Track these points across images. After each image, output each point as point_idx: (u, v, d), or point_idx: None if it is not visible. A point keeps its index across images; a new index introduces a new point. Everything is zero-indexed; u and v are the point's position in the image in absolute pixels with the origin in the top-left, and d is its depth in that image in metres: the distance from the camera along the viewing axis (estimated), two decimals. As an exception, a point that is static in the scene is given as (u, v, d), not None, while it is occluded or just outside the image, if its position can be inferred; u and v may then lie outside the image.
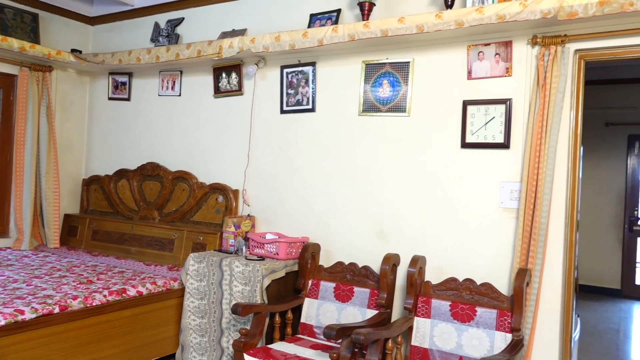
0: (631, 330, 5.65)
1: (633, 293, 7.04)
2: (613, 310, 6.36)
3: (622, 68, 6.65)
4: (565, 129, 3.04)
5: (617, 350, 4.85)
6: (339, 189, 3.78)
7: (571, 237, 3.06)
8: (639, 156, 7.08)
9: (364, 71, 3.67)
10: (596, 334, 5.27)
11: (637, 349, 4.96)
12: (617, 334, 5.40)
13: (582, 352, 4.52)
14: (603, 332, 5.38)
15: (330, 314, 3.44)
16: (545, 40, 3.00)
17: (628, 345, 5.08)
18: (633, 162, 7.07)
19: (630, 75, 6.75)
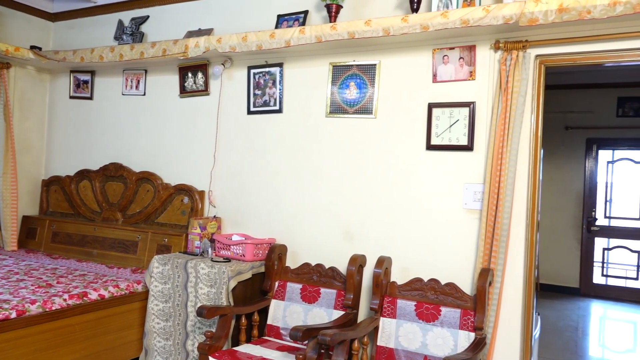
0: (589, 328, 5.84)
1: (591, 291, 7.27)
2: (572, 308, 6.56)
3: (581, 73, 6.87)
4: (526, 132, 3.12)
5: (576, 347, 5.00)
6: (306, 190, 3.78)
7: (532, 238, 3.15)
8: (597, 159, 7.32)
9: (331, 73, 3.69)
10: (556, 331, 5.42)
11: (595, 346, 5.13)
12: (575, 331, 5.57)
13: (543, 349, 4.64)
14: (562, 329, 5.54)
15: (297, 316, 3.43)
16: (507, 45, 3.07)
17: (586, 342, 5.25)
18: (591, 165, 7.31)
19: (589, 81, 6.98)
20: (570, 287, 7.32)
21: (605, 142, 7.22)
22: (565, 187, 7.38)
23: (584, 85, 7.07)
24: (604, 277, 7.33)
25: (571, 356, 4.67)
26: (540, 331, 4.07)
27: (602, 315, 6.39)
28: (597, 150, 7.28)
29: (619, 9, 2.64)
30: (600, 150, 7.31)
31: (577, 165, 7.34)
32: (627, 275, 7.22)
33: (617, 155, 7.30)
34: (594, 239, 7.33)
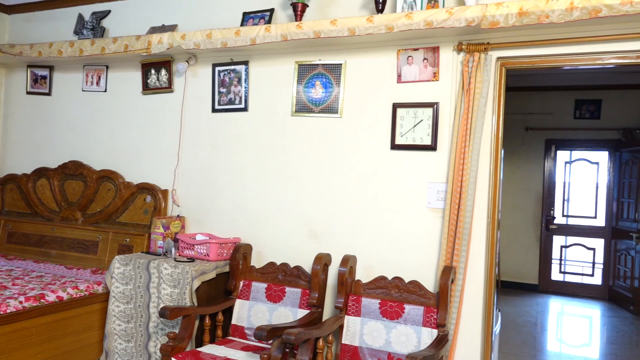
0: (547, 323, 6.02)
1: (549, 288, 7.49)
2: (531, 304, 6.74)
3: (540, 76, 7.07)
4: (487, 132, 3.19)
5: (535, 341, 5.14)
6: (272, 189, 3.77)
7: (493, 236, 3.22)
8: (555, 159, 7.54)
9: (296, 72, 3.68)
10: (516, 327, 5.56)
11: (553, 340, 5.29)
12: (534, 326, 5.73)
13: (503, 344, 4.76)
14: (522, 325, 5.69)
15: (261, 315, 3.41)
16: (469, 47, 3.13)
17: (544, 337, 5.40)
18: (550, 165, 7.53)
19: (548, 83, 7.19)
20: (530, 284, 7.52)
21: (563, 143, 7.45)
22: (525, 186, 7.58)
23: (543, 87, 7.28)
24: (562, 273, 7.57)
25: (530, 351, 4.80)
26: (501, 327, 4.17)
27: (559, 311, 6.59)
28: (555, 150, 7.51)
29: (575, 14, 2.72)
30: (558, 151, 7.53)
31: (537, 165, 7.55)
32: (583, 272, 7.47)
33: (574, 156, 7.55)
34: (553, 237, 7.55)
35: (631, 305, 6.44)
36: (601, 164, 7.38)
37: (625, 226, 6.73)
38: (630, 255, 6.56)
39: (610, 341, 5.28)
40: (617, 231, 7.01)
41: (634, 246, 6.42)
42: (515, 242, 7.58)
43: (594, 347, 5.13)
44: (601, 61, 3.00)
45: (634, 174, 6.55)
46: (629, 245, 6.59)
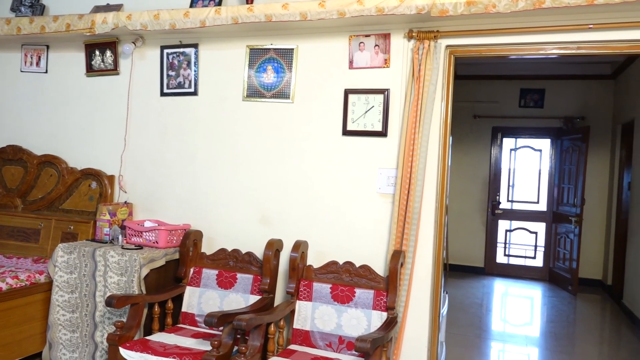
0: (492, 304, 6.26)
1: (494, 270, 7.78)
2: (477, 286, 6.98)
3: (488, 65, 7.27)
4: (437, 119, 3.25)
5: (480, 322, 5.33)
6: (223, 174, 3.72)
7: (441, 221, 3.30)
8: (501, 146, 7.79)
9: (248, 56, 3.62)
10: (462, 308, 5.75)
11: (497, 321, 5.50)
12: (480, 308, 5.94)
13: (450, 325, 4.91)
14: (469, 306, 5.89)
15: (212, 302, 3.38)
16: (419, 35, 3.17)
17: (489, 317, 5.61)
18: (496, 152, 7.77)
19: (495, 72, 7.40)
20: (476, 267, 7.78)
21: (509, 130, 7.70)
22: (473, 172, 7.80)
23: (491, 76, 7.48)
24: (506, 256, 7.87)
25: (476, 331, 4.99)
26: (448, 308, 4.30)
27: (504, 292, 6.86)
28: (501, 138, 7.75)
29: (520, 4, 2.80)
30: (504, 138, 7.78)
31: (484, 152, 7.78)
32: (526, 254, 7.79)
33: (519, 143, 7.81)
34: (498, 221, 7.83)
35: (569, 286, 6.78)
36: (544, 151, 7.68)
37: (565, 210, 7.05)
38: (569, 238, 6.89)
39: (550, 320, 5.54)
40: (557, 215, 7.33)
41: (573, 229, 6.74)
42: (463, 227, 7.81)
43: (534, 326, 5.37)
44: (544, 51, 3.10)
45: (574, 161, 6.85)
46: (568, 229, 6.92)
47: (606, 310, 6.10)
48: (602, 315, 5.91)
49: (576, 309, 6.04)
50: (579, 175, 6.64)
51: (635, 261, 5.52)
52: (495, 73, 7.40)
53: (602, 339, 5.08)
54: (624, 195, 6.35)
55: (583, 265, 6.95)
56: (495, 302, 6.40)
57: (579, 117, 7.20)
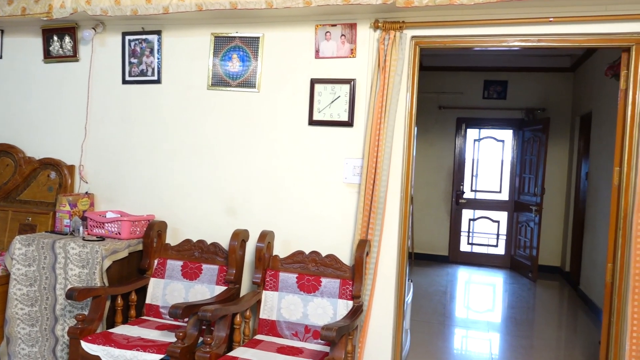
0: (455, 291, 6.39)
1: (458, 258, 7.94)
2: (441, 274, 7.12)
3: (453, 56, 7.36)
4: (402, 110, 3.28)
5: (444, 309, 5.45)
6: (188, 164, 3.66)
7: (406, 210, 3.34)
8: (465, 137, 7.93)
9: (213, 44, 3.57)
10: (427, 296, 5.86)
11: (460, 307, 5.63)
12: (444, 295, 6.06)
13: (415, 312, 5.00)
14: (433, 294, 6.00)
15: (177, 293, 3.35)
16: (385, 25, 3.18)
17: (453, 304, 5.74)
18: (460, 142, 7.90)
19: (459, 64, 7.50)
20: (441, 255, 7.93)
21: (473, 121, 7.83)
22: (438, 163, 7.92)
23: (456, 68, 7.59)
24: (470, 245, 8.04)
25: (439, 318, 5.09)
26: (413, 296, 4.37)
27: (467, 280, 7.02)
28: (465, 129, 7.88)
29: (483, -4, 2.84)
30: (468, 129, 7.91)
31: (449, 142, 7.90)
32: (489, 243, 7.98)
33: (482, 134, 7.96)
34: (462, 210, 7.98)
35: (530, 273, 6.99)
36: (506, 141, 7.86)
37: (526, 200, 7.24)
38: (530, 226, 7.08)
39: (511, 306, 5.70)
40: (519, 204, 7.52)
41: (533, 218, 6.94)
42: (428, 216, 7.93)
43: (496, 312, 5.52)
44: (506, 43, 3.16)
45: (535, 152, 7.03)
46: (529, 218, 7.11)
47: (564, 295, 6.31)
48: (560, 301, 6.11)
49: (536, 295, 6.23)
50: (540, 166, 6.82)
51: (591, 249, 5.72)
52: (460, 65, 7.51)
53: (559, 323, 5.26)
54: (581, 185, 6.56)
55: (542, 253, 7.17)
56: (458, 289, 6.54)
57: (539, 108, 7.38)
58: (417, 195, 7.81)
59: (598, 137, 5.73)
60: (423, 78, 3.38)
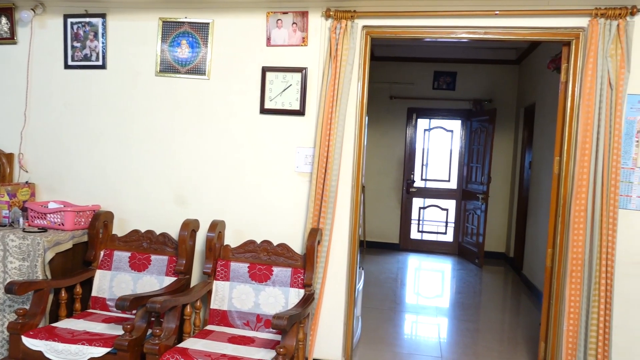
0: (406, 278, 6.53)
1: (408, 246, 8.11)
2: (392, 262, 7.25)
3: (404, 47, 7.45)
4: (353, 99, 3.30)
5: (395, 295, 5.56)
6: (136, 153, 3.56)
7: (357, 199, 3.37)
8: (416, 127, 8.07)
9: (161, 29, 3.47)
10: (378, 283, 5.96)
11: (411, 294, 5.76)
12: (395, 282, 6.18)
13: (366, 299, 5.08)
14: (384, 281, 6.11)
15: (125, 285, 3.27)
16: (337, 14, 3.18)
17: (403, 291, 5.86)
18: (411, 132, 8.04)
19: (411, 55, 7.60)
20: (392, 243, 8.07)
21: (423, 111, 7.98)
22: (389, 152, 8.02)
23: (407, 58, 7.68)
24: (420, 232, 8.22)
25: (390, 304, 5.19)
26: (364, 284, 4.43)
27: (417, 267, 7.18)
28: (416, 119, 8.02)
29: (433, -12, 2.88)
30: (419, 119, 8.05)
31: (400, 132, 8.02)
32: (438, 230, 8.18)
33: (432, 124, 8.13)
34: (412, 199, 8.14)
35: (476, 259, 7.22)
36: (455, 131, 8.05)
37: (474, 188, 7.46)
38: (477, 214, 7.31)
39: (459, 291, 5.89)
40: (466, 193, 7.75)
41: (480, 206, 7.16)
42: (380, 205, 8.05)
43: (444, 298, 5.68)
44: (454, 35, 3.22)
45: (482, 142, 7.24)
46: (476, 206, 7.34)
47: (508, 280, 6.57)
48: (504, 286, 6.36)
49: (482, 280, 6.45)
50: (486, 155, 7.04)
51: (534, 235, 5.97)
52: (411, 55, 7.61)
53: (504, 307, 5.47)
54: (525, 174, 6.81)
55: (488, 240, 7.42)
56: (409, 276, 6.69)
57: (487, 99, 7.59)
58: (368, 184, 7.91)
59: (540, 128, 5.96)
60: (375, 68, 3.41)
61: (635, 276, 3.04)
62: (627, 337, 3.06)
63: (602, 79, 2.92)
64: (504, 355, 3.93)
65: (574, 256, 3.01)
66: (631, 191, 3.03)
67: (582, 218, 2.99)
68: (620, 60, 2.88)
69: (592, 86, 2.94)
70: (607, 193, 2.91)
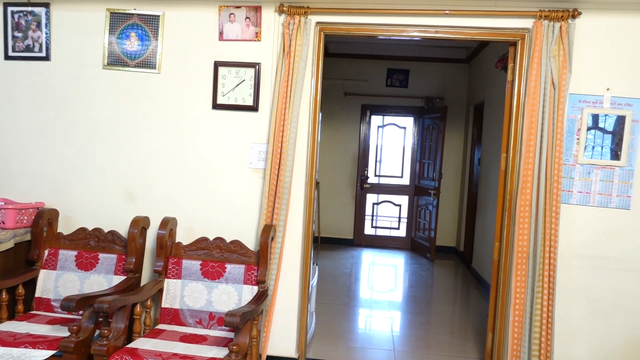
0: (360, 273, 6.60)
1: (362, 241, 8.20)
2: (347, 257, 7.32)
3: (358, 44, 7.51)
4: (307, 95, 3.30)
5: (349, 290, 5.61)
6: (82, 148, 3.44)
7: (310, 195, 3.38)
8: (370, 124, 8.15)
9: (109, 20, 3.36)
10: (332, 278, 6.00)
11: (365, 288, 5.83)
12: (349, 277, 6.24)
13: (320, 295, 5.10)
14: (338, 276, 6.16)
15: (71, 285, 3.16)
16: (290, 10, 3.17)
17: (357, 286, 5.92)
18: (365, 129, 8.12)
19: (365, 52, 7.67)
20: (346, 239, 8.14)
21: (377, 108, 8.07)
22: (343, 148, 8.08)
23: (361, 55, 7.75)
24: (374, 228, 8.32)
25: (344, 299, 5.24)
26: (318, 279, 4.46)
27: (371, 262, 7.27)
28: (370, 115, 8.10)
29: (385, -14, 2.92)
30: (372, 116, 8.14)
31: (354, 128, 8.09)
32: (391, 226, 8.31)
33: (386, 121, 8.23)
34: (366, 195, 8.23)
35: (428, 253, 7.38)
36: (408, 128, 8.18)
37: (426, 184, 7.62)
38: (429, 210, 7.47)
39: (411, 285, 6.00)
40: (419, 189, 7.90)
41: (432, 202, 7.32)
42: (334, 201, 8.10)
43: (397, 292, 5.78)
44: (406, 33, 3.27)
45: (433, 138, 7.40)
46: (428, 201, 7.50)
47: (458, 274, 6.75)
48: (455, 279, 6.53)
49: (433, 274, 6.60)
50: (438, 152, 7.19)
51: (482, 229, 6.16)
52: (365, 53, 7.68)
53: (454, 299, 5.62)
54: (475, 170, 7.01)
55: (440, 234, 7.61)
56: (363, 271, 6.76)
57: (438, 97, 7.75)
58: (323, 180, 7.94)
59: (489, 125, 6.14)
60: (329, 65, 3.42)
61: (576, 268, 3.18)
62: (568, 325, 3.21)
63: (545, 78, 3.03)
64: (454, 346, 4.04)
65: (519, 249, 3.12)
66: (572, 186, 3.16)
67: (527, 212, 3.10)
68: (563, 61, 3.00)
69: (537, 85, 3.05)
70: (550, 188, 3.03)
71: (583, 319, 3.20)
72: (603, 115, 3.10)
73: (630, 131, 3.09)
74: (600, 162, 3.13)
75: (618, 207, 3.14)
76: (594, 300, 3.19)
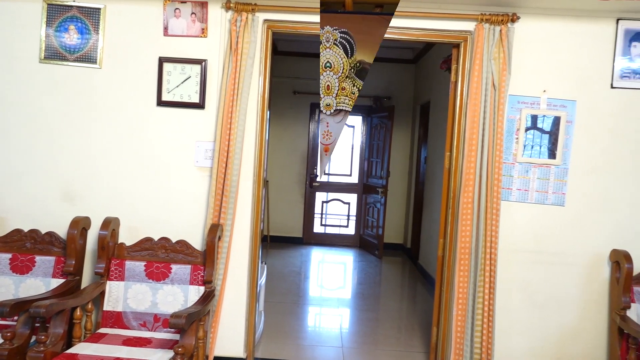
0: (309, 271, 6.62)
1: (312, 240, 8.23)
2: (296, 255, 7.32)
3: (307, 42, 7.52)
4: (255, 93, 3.27)
5: (298, 289, 5.62)
6: (16, 146, 3.28)
7: (258, 193, 3.36)
8: (319, 122, 8.18)
9: (45, 12, 3.21)
10: (282, 277, 5.99)
11: (314, 286, 5.85)
12: (298, 275, 6.24)
13: (269, 294, 5.08)
14: (287, 275, 6.15)
15: (5, 289, 3.00)
16: (237, 7, 3.13)
17: (307, 283, 5.94)
18: (314, 127, 8.14)
19: (314, 50, 7.68)
20: (295, 237, 8.14)
21: (326, 107, 8.10)
22: (292, 147, 8.08)
23: (310, 54, 7.76)
24: (323, 226, 8.37)
25: (294, 298, 5.24)
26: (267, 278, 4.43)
27: (320, 260, 7.31)
28: (318, 114, 8.13)
29: (332, -15, 2.92)
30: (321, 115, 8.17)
31: (303, 127, 8.10)
32: (340, 224, 8.38)
33: (335, 120, 8.28)
34: (315, 193, 8.26)
35: (376, 250, 7.50)
36: (356, 127, 8.27)
37: (374, 182, 7.73)
38: (377, 207, 7.58)
39: (359, 282, 6.08)
40: (367, 187, 8.00)
41: (380, 199, 7.44)
42: (283, 199, 8.08)
43: (346, 289, 5.84)
44: (354, 33, 3.29)
45: (381, 137, 7.51)
46: (376, 199, 7.61)
47: (405, 270, 6.89)
48: (402, 275, 6.66)
49: (381, 271, 6.71)
50: (385, 150, 7.31)
51: (429, 226, 6.31)
52: (314, 51, 7.69)
53: (402, 295, 5.73)
54: (421, 168, 7.17)
55: (388, 232, 7.73)
56: (312, 269, 6.79)
57: (386, 97, 7.87)
58: (271, 178, 7.91)
59: (435, 124, 6.29)
60: (278, 63, 3.40)
61: (516, 262, 3.31)
62: (508, 318, 3.33)
63: (487, 80, 3.13)
64: (401, 341, 4.12)
65: (462, 245, 3.22)
66: (512, 184, 3.29)
67: (469, 209, 3.19)
68: (503, 63, 3.12)
69: (478, 86, 3.15)
70: (491, 186, 3.13)
71: (521, 311, 3.34)
72: (541, 116, 3.24)
73: (564, 131, 3.24)
74: (537, 161, 3.27)
75: (554, 203, 3.29)
76: (531, 293, 3.33)
